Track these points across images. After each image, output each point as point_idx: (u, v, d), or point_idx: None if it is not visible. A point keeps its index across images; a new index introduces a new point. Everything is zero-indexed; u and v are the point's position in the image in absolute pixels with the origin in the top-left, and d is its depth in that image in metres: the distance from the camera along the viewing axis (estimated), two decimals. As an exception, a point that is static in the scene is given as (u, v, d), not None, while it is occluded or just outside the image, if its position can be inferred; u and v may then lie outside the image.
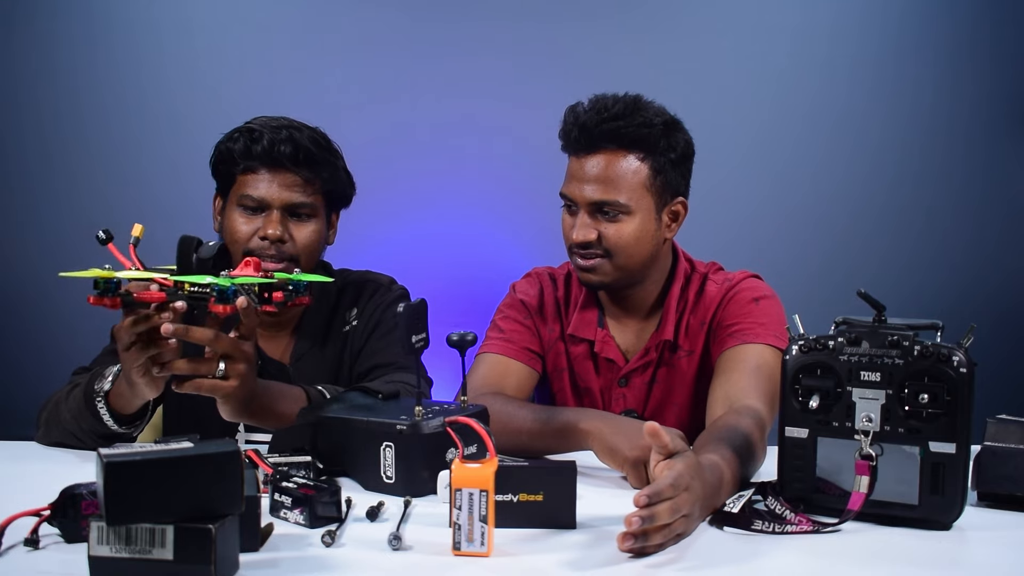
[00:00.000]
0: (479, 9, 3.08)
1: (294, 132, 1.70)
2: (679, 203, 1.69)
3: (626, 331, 1.77)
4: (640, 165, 1.63)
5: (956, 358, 1.16)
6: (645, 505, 1.06)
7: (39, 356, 2.97)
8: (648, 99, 1.67)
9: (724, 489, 1.24)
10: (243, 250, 1.69)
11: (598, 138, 1.63)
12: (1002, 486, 1.29)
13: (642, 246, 1.66)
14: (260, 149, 1.68)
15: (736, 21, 3.11)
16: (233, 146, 1.70)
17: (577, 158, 1.66)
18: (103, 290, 1.26)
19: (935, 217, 3.12)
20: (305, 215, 1.72)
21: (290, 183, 1.70)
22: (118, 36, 3.06)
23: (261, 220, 1.70)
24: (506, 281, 1.87)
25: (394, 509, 1.25)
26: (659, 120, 1.64)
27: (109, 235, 1.30)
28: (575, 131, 1.65)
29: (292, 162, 1.69)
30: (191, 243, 1.32)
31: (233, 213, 1.71)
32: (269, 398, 1.46)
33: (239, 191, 1.71)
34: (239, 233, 1.70)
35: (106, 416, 1.51)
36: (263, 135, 1.69)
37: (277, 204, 1.69)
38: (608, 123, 1.62)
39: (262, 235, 1.68)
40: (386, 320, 1.79)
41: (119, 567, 0.96)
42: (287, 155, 1.68)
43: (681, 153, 1.67)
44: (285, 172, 1.69)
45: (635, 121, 1.62)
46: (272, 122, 1.72)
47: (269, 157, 1.68)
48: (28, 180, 3.07)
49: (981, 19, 3.08)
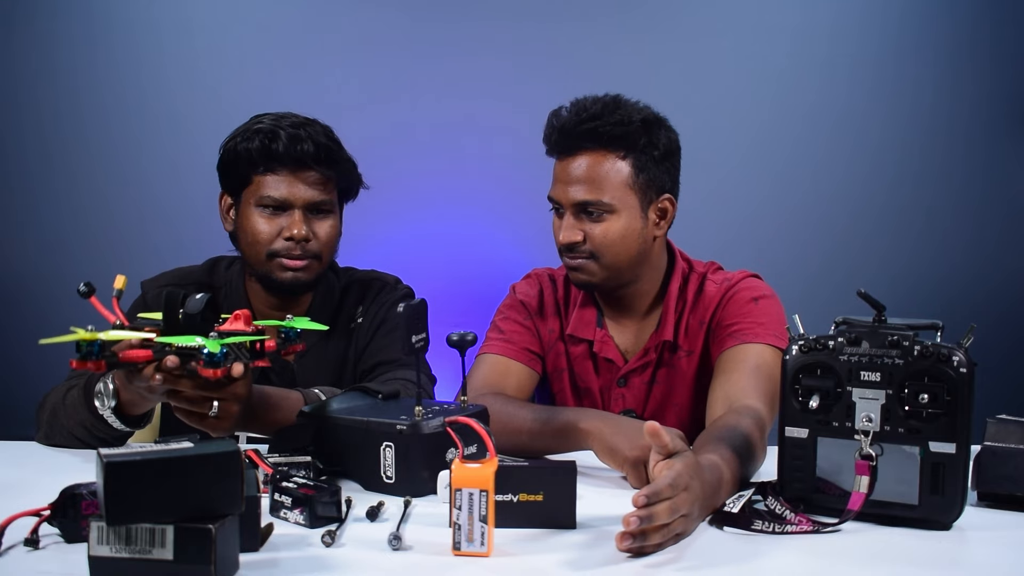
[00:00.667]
0: (479, 9, 3.09)
1: (309, 129, 1.69)
2: (666, 200, 1.68)
3: (625, 331, 1.77)
4: (621, 164, 1.63)
5: (956, 358, 1.16)
6: (643, 505, 1.07)
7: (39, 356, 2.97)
8: (629, 98, 1.67)
9: (724, 489, 1.24)
10: (267, 251, 1.69)
11: (578, 139, 1.63)
12: (1002, 486, 1.29)
13: (628, 245, 1.65)
14: (281, 149, 1.66)
15: (736, 21, 3.11)
16: (250, 146, 1.67)
17: (560, 161, 1.67)
18: (86, 353, 1.19)
19: (935, 217, 3.12)
20: (325, 211, 1.72)
21: (311, 181, 1.69)
22: (118, 36, 3.06)
23: (282, 220, 1.69)
24: (506, 281, 1.87)
25: (394, 509, 1.25)
26: (638, 117, 1.63)
27: (91, 288, 1.25)
28: (555, 134, 1.65)
29: (315, 160, 1.68)
30: (177, 298, 1.27)
31: (252, 214, 1.70)
32: (266, 407, 1.46)
33: (258, 192, 1.69)
34: (262, 235, 1.69)
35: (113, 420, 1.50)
36: (278, 134, 1.66)
37: (299, 203, 1.69)
38: (586, 123, 1.62)
39: (287, 236, 1.68)
40: (390, 318, 1.79)
41: (119, 567, 0.96)
42: (309, 154, 1.67)
43: (664, 150, 1.66)
44: (306, 170, 1.68)
45: (612, 119, 1.62)
46: (284, 120, 1.70)
47: (290, 156, 1.67)
48: (28, 180, 3.07)
49: (981, 19, 3.08)
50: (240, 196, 1.72)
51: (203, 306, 1.25)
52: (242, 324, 1.28)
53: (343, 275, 1.86)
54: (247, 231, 1.70)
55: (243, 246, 1.73)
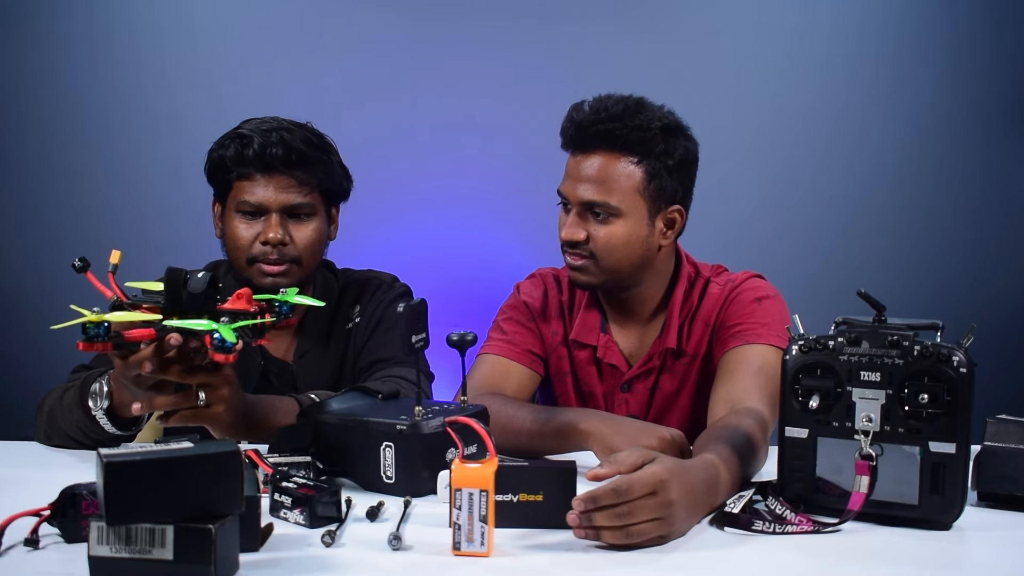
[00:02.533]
0: (479, 9, 3.09)
1: (284, 133, 1.69)
2: (675, 211, 1.66)
3: (629, 336, 1.75)
4: (634, 168, 1.61)
5: (956, 358, 1.16)
6: (581, 511, 1.08)
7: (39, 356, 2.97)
8: (654, 102, 1.65)
9: (722, 488, 1.23)
10: (246, 257, 1.69)
11: (594, 138, 1.62)
12: (1002, 486, 1.29)
13: (630, 250, 1.64)
14: (252, 154, 1.67)
15: (736, 21, 3.11)
16: (225, 153, 1.70)
17: (574, 157, 1.65)
18: (92, 335, 1.21)
19: (935, 217, 3.12)
20: (304, 215, 1.72)
21: (285, 185, 1.69)
22: (118, 36, 3.06)
23: (259, 225, 1.69)
24: (506, 281, 1.87)
25: (394, 509, 1.25)
26: (658, 124, 1.61)
27: (86, 263, 1.26)
28: (572, 129, 1.64)
29: (285, 164, 1.68)
30: (179, 276, 1.27)
31: (232, 220, 1.71)
32: (261, 414, 1.47)
33: (236, 197, 1.70)
34: (241, 240, 1.70)
35: (105, 422, 1.50)
36: (253, 139, 1.68)
37: (275, 207, 1.69)
38: (604, 124, 1.60)
39: (263, 240, 1.68)
40: (388, 317, 1.79)
41: (119, 567, 0.96)
42: (279, 157, 1.68)
43: (680, 160, 1.64)
44: (279, 175, 1.69)
45: (632, 123, 1.60)
46: (262, 125, 1.71)
47: (261, 161, 1.68)
48: (28, 180, 3.07)
49: (981, 19, 3.08)
50: (225, 202, 1.74)
51: (205, 285, 1.26)
52: (244, 303, 1.28)
53: (341, 276, 1.86)
54: (228, 237, 1.72)
55: (227, 252, 1.75)
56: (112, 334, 1.23)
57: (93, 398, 1.49)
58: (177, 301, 1.27)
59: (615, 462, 1.13)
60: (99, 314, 1.21)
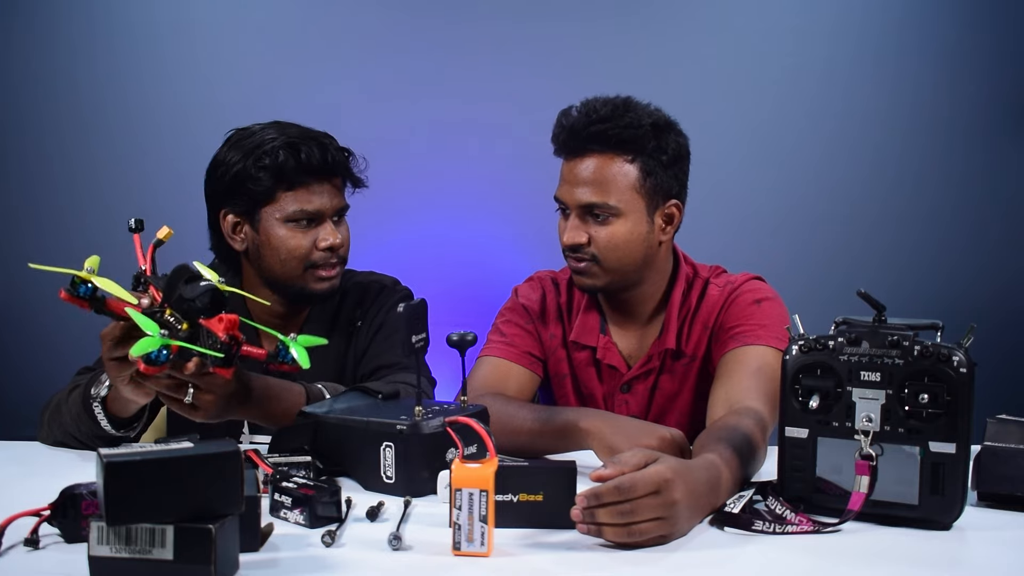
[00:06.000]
0: (479, 9, 3.08)
1: (324, 140, 1.71)
2: (672, 206, 1.68)
3: (628, 337, 1.76)
4: (629, 167, 1.62)
5: (956, 358, 1.16)
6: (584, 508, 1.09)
7: (39, 356, 2.98)
8: (640, 101, 1.66)
9: (723, 488, 1.23)
10: (306, 264, 1.70)
11: (586, 141, 1.62)
12: (1002, 486, 1.29)
13: (633, 249, 1.65)
14: (316, 162, 1.67)
15: (736, 21, 3.11)
16: (278, 162, 1.65)
17: (567, 161, 1.66)
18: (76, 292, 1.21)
19: (935, 217, 3.11)
20: (343, 215, 1.76)
21: (334, 190, 1.72)
22: (118, 36, 3.06)
23: (315, 231, 1.70)
24: (506, 282, 1.87)
25: (394, 509, 1.25)
26: (648, 121, 1.62)
27: (140, 225, 1.30)
28: (564, 134, 1.64)
29: (343, 169, 1.72)
30: (182, 275, 1.24)
31: (280, 231, 1.68)
32: (267, 398, 1.47)
33: (286, 208, 1.67)
34: (300, 249, 1.69)
35: (103, 420, 1.51)
36: (311, 148, 1.66)
37: (330, 213, 1.71)
38: (595, 125, 1.61)
39: (325, 246, 1.69)
40: (390, 321, 1.79)
41: (119, 567, 0.96)
42: (340, 163, 1.71)
43: (673, 155, 1.65)
44: (331, 180, 1.71)
45: (622, 123, 1.61)
46: (289, 131, 1.69)
47: (324, 168, 1.68)
48: (28, 180, 3.07)
49: (981, 19, 3.08)
50: (256, 215, 1.70)
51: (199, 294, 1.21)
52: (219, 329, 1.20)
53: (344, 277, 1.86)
54: (278, 248, 1.69)
55: (271, 263, 1.71)
56: (98, 296, 1.22)
57: (96, 396, 1.50)
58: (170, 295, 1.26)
59: (619, 462, 1.13)
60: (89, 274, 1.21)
